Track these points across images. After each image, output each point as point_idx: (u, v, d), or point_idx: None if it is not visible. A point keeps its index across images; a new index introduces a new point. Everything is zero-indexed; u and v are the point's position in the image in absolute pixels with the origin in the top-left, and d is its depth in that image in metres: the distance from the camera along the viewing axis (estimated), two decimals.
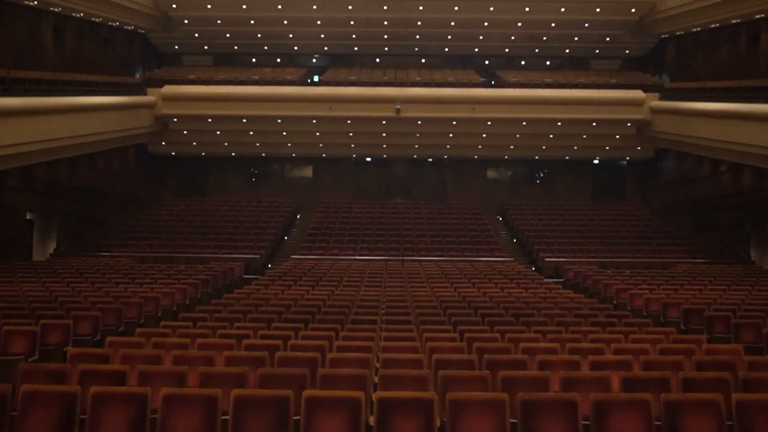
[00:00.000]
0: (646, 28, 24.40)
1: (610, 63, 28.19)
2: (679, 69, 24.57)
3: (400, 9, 23.35)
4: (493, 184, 28.53)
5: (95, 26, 21.94)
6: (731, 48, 21.05)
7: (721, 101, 18.72)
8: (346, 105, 22.90)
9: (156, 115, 23.06)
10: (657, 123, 22.70)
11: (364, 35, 25.69)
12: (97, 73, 21.34)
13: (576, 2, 22.95)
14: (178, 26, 24.95)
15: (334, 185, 28.18)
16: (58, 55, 20.01)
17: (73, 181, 21.13)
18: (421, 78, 24.10)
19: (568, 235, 22.33)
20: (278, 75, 24.49)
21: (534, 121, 23.38)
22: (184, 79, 23.85)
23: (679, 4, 21.79)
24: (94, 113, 18.85)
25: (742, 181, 20.41)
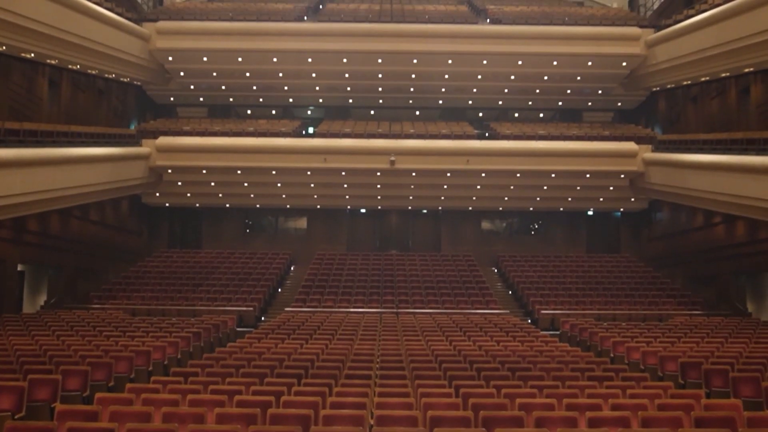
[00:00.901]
0: (638, 81, 24.72)
1: (603, 115, 28.49)
2: (670, 121, 24.82)
3: (394, 62, 23.65)
4: (487, 235, 28.52)
5: (91, 78, 22.10)
6: (721, 101, 21.29)
7: (713, 153, 18.85)
8: (340, 157, 22.99)
9: (150, 166, 23.08)
10: (650, 175, 22.82)
11: (359, 88, 25.95)
12: (92, 124, 21.42)
13: (568, 56, 23.30)
14: (173, 78, 25.17)
15: (329, 236, 28.12)
16: (54, 106, 20.10)
17: (65, 232, 21.01)
18: (415, 130, 24.26)
19: (564, 287, 22.22)
20: (273, 127, 24.62)
21: (528, 173, 23.47)
22: (179, 130, 23.94)
23: (669, 58, 22.11)
24: (88, 164, 18.85)
25: (736, 233, 20.42)
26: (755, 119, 19.17)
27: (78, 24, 18.71)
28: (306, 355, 11.16)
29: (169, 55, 23.53)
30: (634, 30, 23.49)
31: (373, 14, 25.36)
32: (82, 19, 18.94)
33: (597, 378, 9.52)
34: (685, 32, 20.92)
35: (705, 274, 22.44)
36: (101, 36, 20.10)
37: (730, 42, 18.49)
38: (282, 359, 10.60)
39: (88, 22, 19.26)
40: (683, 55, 21.22)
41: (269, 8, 26.22)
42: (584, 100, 27.27)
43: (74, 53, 19.32)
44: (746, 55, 18.20)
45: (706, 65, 20.47)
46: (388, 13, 25.60)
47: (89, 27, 19.35)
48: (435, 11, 26.15)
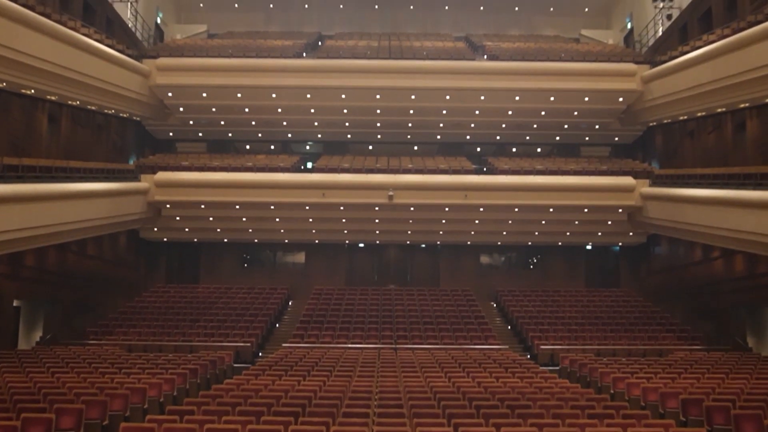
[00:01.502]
0: (634, 116, 24.89)
1: (600, 150, 28.61)
2: (667, 156, 24.93)
3: (392, 98, 23.81)
4: (486, 270, 28.47)
5: (90, 113, 22.20)
6: (718, 135, 21.39)
7: (710, 188, 18.90)
8: (339, 192, 23.02)
9: (149, 201, 23.09)
10: (648, 209, 22.85)
11: (357, 123, 26.10)
12: (91, 159, 21.48)
13: (565, 92, 23.47)
14: (173, 114, 25.31)
15: (327, 271, 28.06)
16: (53, 141, 20.16)
17: (62, 267, 20.95)
18: (413, 165, 24.34)
19: (563, 322, 22.13)
20: (272, 162, 24.70)
21: (526, 208, 23.49)
22: (178, 165, 24.00)
23: (665, 93, 22.27)
24: (86, 200, 18.84)
25: (735, 267, 20.39)
26: (752, 154, 19.24)
27: (79, 61, 18.87)
28: (303, 392, 11.06)
29: (169, 91, 23.69)
30: (630, 66, 23.71)
31: (372, 51, 25.60)
32: (83, 56, 19.10)
33: (597, 416, 9.42)
34: (680, 68, 21.11)
35: (705, 308, 22.36)
36: (102, 72, 20.26)
37: (724, 78, 18.66)
38: (279, 397, 10.49)
39: (89, 59, 19.43)
40: (679, 91, 21.38)
41: (269, 45, 26.46)
42: (582, 134, 27.41)
43: (74, 89, 19.45)
44: (741, 90, 18.34)
45: (701, 101, 20.61)
46: (387, 50, 25.84)
47: (90, 64, 19.51)
48: (433, 48, 26.39)
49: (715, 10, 21.94)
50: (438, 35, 31.02)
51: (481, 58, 25.68)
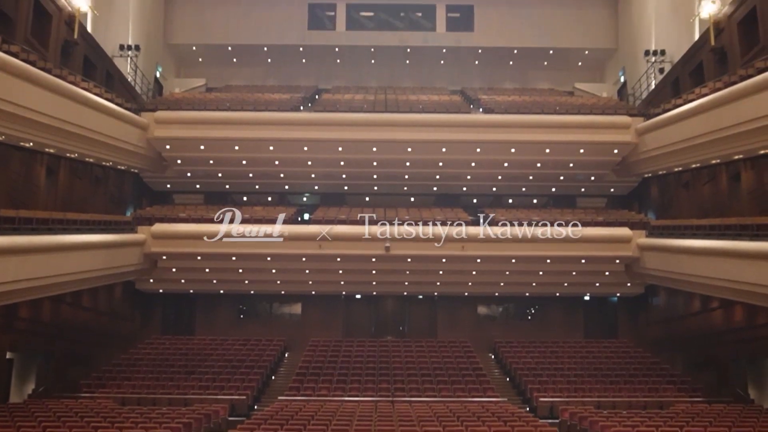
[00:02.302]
0: (630, 167, 25.07)
1: (596, 201, 28.72)
2: (663, 206, 25.03)
3: (389, 150, 24.00)
4: (484, 321, 28.31)
5: (88, 166, 22.31)
6: (713, 186, 21.53)
7: (707, 238, 18.93)
8: (335, 243, 23.00)
9: (145, 252, 23.04)
10: (645, 260, 22.86)
11: (354, 175, 26.25)
12: (88, 211, 21.49)
13: (560, 144, 23.69)
14: (170, 166, 25.43)
15: (323, 322, 27.86)
16: (50, 193, 20.22)
17: (57, 319, 20.80)
18: (410, 216, 24.38)
19: (562, 373, 21.91)
20: (269, 214, 24.71)
21: (523, 259, 23.49)
22: (175, 217, 24.03)
23: (659, 145, 22.49)
24: (82, 251, 18.83)
25: (735, 318, 20.29)
26: (747, 205, 19.34)
27: (79, 114, 19.06)
28: None
29: (167, 143, 23.86)
30: (625, 118, 23.98)
31: (368, 104, 25.90)
32: (82, 109, 19.30)
33: None
34: (674, 121, 21.36)
35: (705, 359, 22.19)
36: (101, 126, 20.44)
37: (717, 130, 18.87)
38: None
39: (88, 113, 19.62)
40: (673, 143, 21.60)
41: (266, 98, 26.78)
42: (577, 186, 27.58)
43: (73, 142, 19.59)
44: (734, 142, 18.54)
45: (696, 152, 20.81)
46: (383, 103, 26.15)
47: (89, 117, 19.71)
48: (429, 101, 26.72)
49: (706, 64, 22.32)
50: (434, 89, 31.46)
51: (476, 111, 25.99)
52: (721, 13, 21.45)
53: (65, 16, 21.12)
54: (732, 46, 20.82)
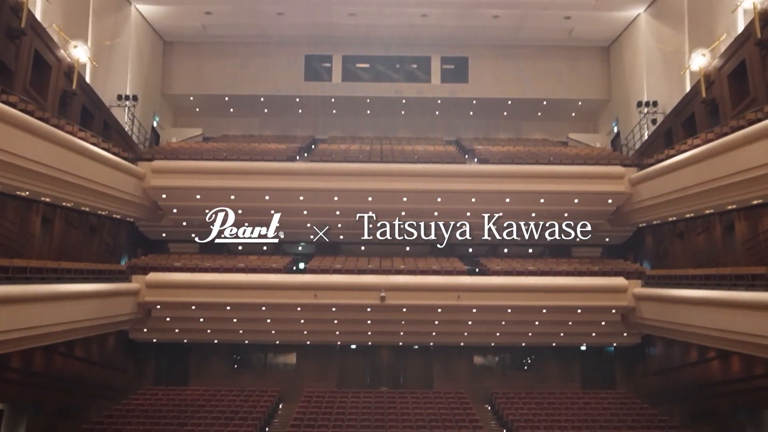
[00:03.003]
0: (624, 217, 25.19)
1: (592, 250, 28.76)
2: (658, 256, 25.07)
3: (384, 200, 24.09)
4: (480, 371, 28.04)
5: (84, 215, 22.33)
6: (707, 236, 21.61)
7: (702, 288, 18.94)
8: (331, 293, 22.97)
9: (139, 302, 22.95)
10: (641, 310, 22.81)
11: (350, 224, 26.26)
12: (82, 260, 21.44)
13: (554, 194, 23.83)
14: (166, 215, 25.47)
15: (318, 373, 27.57)
16: (45, 242, 20.18)
17: (49, 369, 20.53)
18: (405, 266, 24.37)
19: (560, 425, 21.62)
20: (264, 263, 24.71)
21: (519, 309, 23.42)
22: (170, 266, 23.98)
23: (653, 195, 22.65)
24: (76, 301, 18.74)
25: (732, 368, 20.15)
26: (741, 254, 19.40)
27: (75, 164, 19.17)
28: None
29: (163, 192, 23.94)
30: (618, 169, 24.19)
31: (364, 154, 26.09)
32: (79, 159, 19.42)
33: None
34: (667, 171, 21.57)
35: (703, 410, 21.95)
36: (97, 175, 20.55)
37: (710, 181, 19.07)
38: None
39: (85, 162, 19.74)
40: (666, 193, 21.77)
41: (262, 148, 26.97)
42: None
43: (69, 191, 19.65)
44: (727, 193, 18.69)
45: (689, 202, 20.95)
46: (378, 153, 26.34)
47: (86, 167, 19.81)
48: (424, 151, 26.93)
49: (698, 115, 22.63)
50: (429, 139, 31.75)
51: (471, 161, 26.18)
52: (711, 66, 21.84)
53: (64, 67, 21.38)
54: (723, 98, 21.14)
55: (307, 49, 32.04)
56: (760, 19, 18.69)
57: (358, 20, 29.50)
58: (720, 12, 21.81)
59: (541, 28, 30.22)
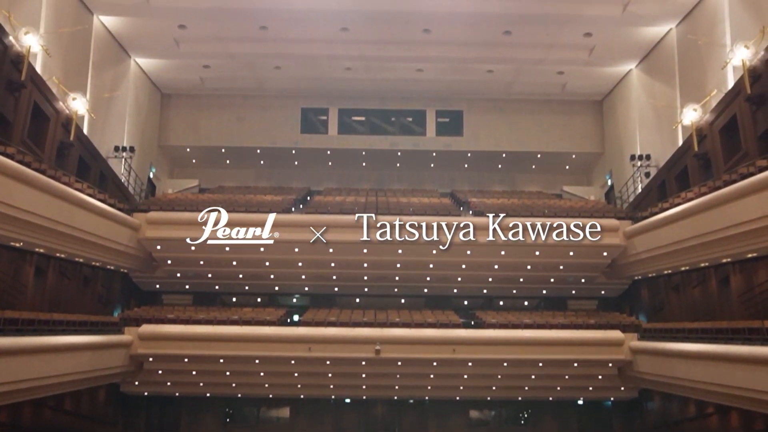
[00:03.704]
0: (619, 270, 25.17)
1: (587, 303, 28.67)
2: (654, 309, 24.97)
3: (379, 252, 24.06)
4: (476, 425, 27.67)
5: (77, 266, 22.21)
6: (703, 290, 21.56)
7: (699, 342, 18.83)
8: (325, 346, 22.76)
9: (131, 354, 22.70)
10: (638, 364, 22.63)
11: (345, 277, 26.21)
12: (75, 311, 21.25)
13: (550, 247, 23.81)
14: (161, 266, 25.37)
15: (312, 427, 27.18)
16: (38, 293, 20.01)
17: (37, 423, 20.17)
18: (400, 319, 24.23)
19: None
20: (258, 315, 24.52)
21: (515, 362, 23.22)
22: (163, 318, 23.79)
23: (648, 248, 22.66)
24: (67, 353, 18.53)
25: (731, 424, 19.91)
26: (737, 308, 19.33)
27: (71, 215, 19.12)
28: None
29: (158, 244, 23.88)
30: (613, 221, 24.25)
31: (359, 206, 26.12)
32: (75, 210, 19.37)
33: None
34: (661, 225, 21.62)
35: None
36: (92, 226, 20.49)
37: (704, 234, 19.11)
38: None
39: (80, 213, 19.70)
40: (661, 246, 21.78)
41: (258, 200, 27.02)
42: (568, 288, 27.58)
43: (64, 242, 19.58)
44: (722, 246, 18.73)
45: (684, 256, 20.97)
46: (374, 205, 26.40)
47: (81, 218, 19.77)
48: (419, 203, 27.02)
49: (691, 169, 22.82)
50: (424, 191, 31.88)
51: (466, 214, 26.23)
52: (702, 121, 22.10)
53: (62, 119, 21.53)
54: (715, 152, 21.35)
55: (304, 102, 32.42)
56: (750, 75, 19.00)
57: (354, 74, 29.92)
58: (710, 68, 22.18)
59: (534, 83, 30.68)
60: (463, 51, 27.47)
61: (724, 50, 20.66)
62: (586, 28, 25.74)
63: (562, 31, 25.85)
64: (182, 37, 26.90)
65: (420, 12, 24.60)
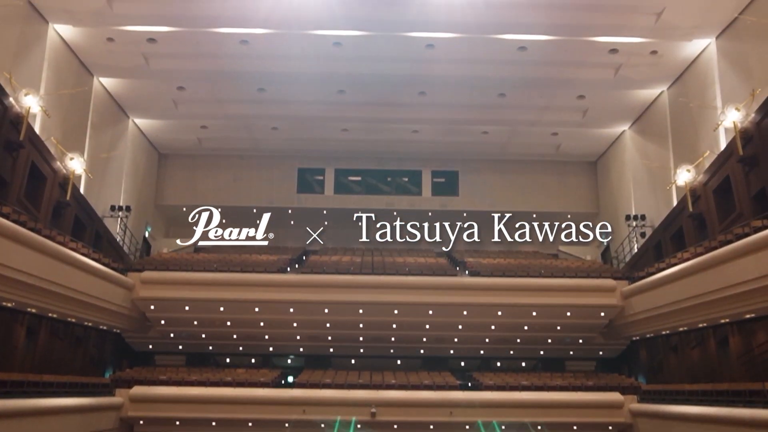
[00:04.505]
0: (617, 330, 24.98)
1: (586, 364, 28.31)
2: (653, 370, 24.67)
3: (375, 312, 23.89)
4: None
5: (69, 326, 21.92)
6: (702, 351, 21.34)
7: (700, 404, 18.55)
8: (320, 408, 22.35)
9: (122, 416, 22.29)
10: (638, 427, 22.29)
11: (340, 337, 25.92)
12: (66, 372, 20.91)
13: (547, 307, 23.70)
14: (154, 326, 25.09)
15: None
16: (29, 354, 19.70)
17: None
18: (396, 380, 23.89)
19: None
20: (252, 376, 24.17)
21: (513, 425, 22.77)
22: (156, 379, 23.43)
23: (645, 309, 22.53)
24: (56, 416, 18.18)
25: None
26: (737, 369, 19.10)
27: (64, 275, 18.98)
28: None
29: (152, 304, 23.68)
30: (609, 282, 24.19)
31: (355, 266, 26.06)
32: (69, 270, 19.25)
33: None
34: (658, 285, 21.55)
35: None
36: (86, 286, 20.35)
37: (701, 295, 19.02)
38: None
39: (74, 273, 19.57)
40: (658, 306, 21.67)
41: (253, 259, 26.92)
42: (566, 349, 27.27)
43: (57, 302, 19.39)
44: (719, 307, 18.62)
45: (682, 316, 20.83)
46: (370, 265, 26.34)
47: (75, 278, 19.64)
48: (415, 263, 26.94)
49: (686, 229, 22.88)
50: (420, 251, 31.76)
51: (462, 274, 26.16)
52: (696, 181, 22.27)
53: (59, 179, 21.60)
54: (710, 213, 21.43)
55: (300, 163, 32.67)
56: (741, 137, 19.22)
57: (351, 135, 30.23)
58: (702, 129, 22.45)
59: (529, 144, 31.01)
60: (459, 113, 27.86)
61: (716, 112, 20.97)
62: (579, 91, 26.16)
63: (555, 93, 26.27)
64: (181, 99, 27.24)
65: (416, 75, 25.00)
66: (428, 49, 23.31)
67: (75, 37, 22.55)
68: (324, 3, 20.69)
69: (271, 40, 22.93)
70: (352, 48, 23.31)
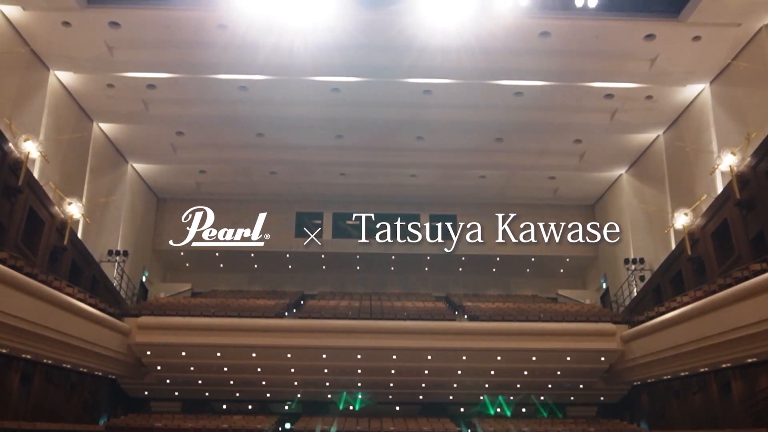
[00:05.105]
0: (617, 375, 24.73)
1: (586, 409, 27.97)
2: (655, 416, 24.37)
3: (373, 358, 23.67)
4: None
5: (64, 372, 21.67)
6: (704, 396, 21.10)
7: None
8: None
9: None
10: None
11: (338, 383, 25.65)
12: (60, 419, 20.64)
13: (546, 351, 23.49)
14: (150, 372, 24.82)
15: None
16: (22, 401, 19.42)
17: None
18: (395, 427, 23.56)
19: None
20: (249, 423, 23.84)
21: None
22: (151, 427, 23.07)
23: (645, 353, 22.32)
24: None
25: None
26: (740, 415, 18.85)
27: (60, 320, 18.78)
28: None
29: (148, 349, 23.47)
30: (609, 326, 24.02)
31: (353, 311, 25.93)
32: (65, 315, 19.05)
33: None
34: (658, 329, 21.39)
35: None
36: (82, 332, 20.14)
37: (701, 339, 18.83)
38: None
39: (70, 319, 19.38)
40: (659, 351, 21.46)
41: (251, 304, 26.80)
42: (566, 394, 26.99)
43: (52, 348, 19.15)
44: (720, 351, 18.44)
45: (683, 360, 20.63)
46: (368, 310, 26.20)
47: (71, 323, 19.43)
48: (414, 308, 26.81)
49: (685, 272, 22.83)
50: (418, 295, 31.73)
51: (461, 318, 26.01)
52: (694, 225, 22.30)
53: (57, 223, 21.60)
54: (708, 256, 21.42)
55: (299, 207, 32.72)
56: (738, 180, 19.32)
57: (349, 179, 30.37)
58: (699, 173, 22.57)
59: (526, 188, 31.15)
60: (456, 157, 28.04)
61: (712, 156, 21.12)
62: (575, 135, 26.38)
63: (552, 138, 26.47)
64: (179, 144, 27.42)
65: (413, 120, 25.23)
66: (425, 95, 23.58)
67: (75, 83, 22.80)
68: (322, 50, 20.97)
69: (270, 86, 23.20)
70: (350, 93, 23.57)
